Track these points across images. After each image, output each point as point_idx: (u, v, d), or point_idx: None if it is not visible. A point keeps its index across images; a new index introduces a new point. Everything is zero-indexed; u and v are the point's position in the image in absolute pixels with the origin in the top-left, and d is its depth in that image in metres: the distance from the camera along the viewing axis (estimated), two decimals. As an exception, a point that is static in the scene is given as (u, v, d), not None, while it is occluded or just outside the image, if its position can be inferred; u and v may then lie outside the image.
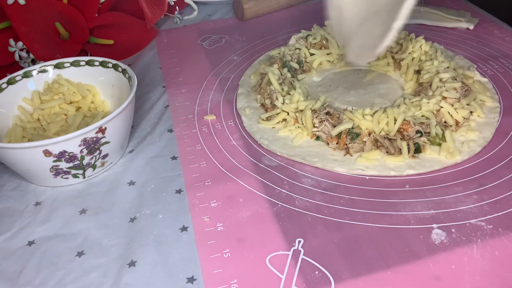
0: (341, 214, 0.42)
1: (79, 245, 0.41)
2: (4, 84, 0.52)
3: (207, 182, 0.47)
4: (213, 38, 0.74)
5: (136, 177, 0.48)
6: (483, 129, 0.50)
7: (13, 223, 0.44)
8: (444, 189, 0.43)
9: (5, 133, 0.50)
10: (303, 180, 0.46)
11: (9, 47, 0.63)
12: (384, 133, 0.48)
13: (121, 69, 0.53)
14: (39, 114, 0.53)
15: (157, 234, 0.42)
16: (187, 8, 0.83)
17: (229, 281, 0.37)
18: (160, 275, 0.38)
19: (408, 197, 0.43)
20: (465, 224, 0.40)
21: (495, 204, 0.41)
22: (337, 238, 0.39)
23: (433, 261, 0.37)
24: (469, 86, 0.53)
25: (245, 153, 0.50)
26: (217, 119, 0.55)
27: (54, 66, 0.55)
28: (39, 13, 0.63)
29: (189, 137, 0.53)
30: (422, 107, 0.49)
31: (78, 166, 0.46)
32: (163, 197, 0.46)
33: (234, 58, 0.68)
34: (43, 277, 0.39)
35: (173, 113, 0.57)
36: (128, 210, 0.45)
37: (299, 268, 0.37)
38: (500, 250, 0.37)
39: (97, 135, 0.45)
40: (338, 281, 0.36)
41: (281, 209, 0.43)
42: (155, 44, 0.74)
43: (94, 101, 0.55)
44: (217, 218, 0.42)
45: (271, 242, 0.40)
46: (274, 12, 0.80)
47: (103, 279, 0.38)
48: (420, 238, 0.39)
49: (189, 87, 0.62)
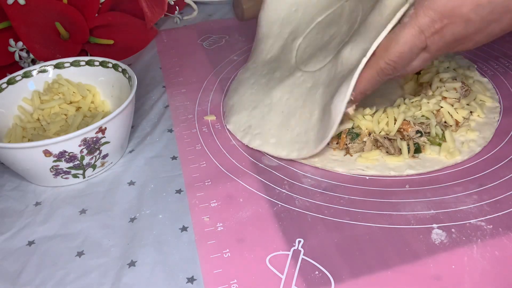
0: (341, 214, 0.42)
1: (79, 245, 0.41)
2: (4, 84, 0.52)
3: (207, 182, 0.47)
4: (213, 38, 0.74)
5: (136, 177, 0.48)
6: (483, 129, 0.50)
7: (13, 223, 0.44)
8: (444, 189, 0.43)
9: (5, 133, 0.50)
10: (303, 180, 0.46)
11: (9, 47, 0.63)
12: (384, 133, 0.48)
13: (121, 69, 0.53)
14: (39, 114, 0.53)
15: (157, 234, 0.42)
16: (187, 8, 0.83)
17: (229, 281, 0.37)
18: (160, 275, 0.38)
19: (408, 197, 0.43)
20: (465, 224, 0.40)
21: (495, 204, 0.41)
22: (337, 238, 0.39)
23: (433, 261, 0.37)
24: (469, 86, 0.53)
25: (245, 153, 0.50)
26: (217, 119, 0.55)
27: (54, 66, 0.55)
28: (39, 13, 0.63)
29: (189, 137, 0.53)
30: (422, 107, 0.49)
31: (78, 166, 0.46)
32: (163, 197, 0.46)
33: (234, 58, 0.68)
34: (43, 277, 0.39)
35: (173, 113, 0.57)
36: (128, 210, 0.45)
37: (299, 268, 0.37)
38: (500, 250, 0.37)
39: (97, 135, 0.45)
40: (338, 281, 0.36)
41: (281, 209, 0.43)
42: (155, 44, 0.74)
43: (94, 101, 0.55)
44: (217, 218, 0.42)
45: (271, 242, 0.40)
46: (274, 12, 0.80)
47: (103, 279, 0.38)
48: (420, 238, 0.39)
49: (189, 87, 0.62)
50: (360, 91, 0.43)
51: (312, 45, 0.54)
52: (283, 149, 0.48)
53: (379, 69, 0.42)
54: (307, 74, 0.51)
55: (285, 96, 0.51)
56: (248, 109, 0.53)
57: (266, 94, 0.53)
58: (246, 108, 0.53)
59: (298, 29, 0.57)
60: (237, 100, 0.55)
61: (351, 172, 0.46)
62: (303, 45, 0.55)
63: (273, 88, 0.52)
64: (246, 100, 0.54)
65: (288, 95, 0.51)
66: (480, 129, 0.50)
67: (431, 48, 0.40)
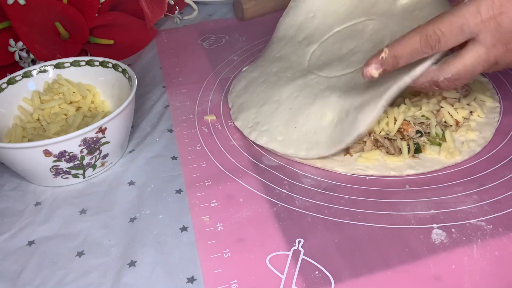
0: (341, 214, 0.42)
1: (79, 245, 0.41)
2: (4, 84, 0.52)
3: (207, 182, 0.47)
4: (213, 38, 0.74)
5: (136, 177, 0.48)
6: (483, 129, 0.50)
7: (13, 223, 0.44)
8: (444, 189, 0.43)
9: (5, 133, 0.50)
10: (303, 180, 0.46)
11: (9, 47, 0.63)
12: (384, 133, 0.48)
13: (121, 69, 0.53)
14: (39, 114, 0.53)
15: (157, 234, 0.42)
16: (187, 8, 0.83)
17: (229, 281, 0.37)
18: (160, 275, 0.38)
19: (408, 197, 0.43)
20: (465, 224, 0.40)
21: (495, 204, 0.41)
22: (337, 238, 0.39)
23: (433, 261, 0.37)
24: (469, 86, 0.53)
25: (245, 153, 0.50)
26: (217, 119, 0.55)
27: (54, 66, 0.55)
28: (39, 13, 0.63)
29: (189, 137, 0.53)
30: (422, 107, 0.49)
31: (78, 166, 0.46)
32: (163, 197, 0.46)
33: (234, 58, 0.68)
34: (43, 277, 0.39)
35: (173, 113, 0.57)
36: (128, 210, 0.45)
37: (299, 268, 0.37)
38: (500, 250, 0.37)
39: (97, 135, 0.45)
40: (338, 281, 0.36)
41: (281, 209, 0.43)
42: (155, 44, 0.74)
43: (94, 101, 0.55)
44: (217, 218, 0.42)
45: (271, 242, 0.40)
46: (274, 12, 0.80)
47: (103, 279, 0.38)
48: (420, 238, 0.39)
49: (189, 87, 0.62)
50: (394, 54, 0.41)
51: (328, 54, 0.54)
52: (289, 147, 0.48)
53: (424, 35, 0.39)
54: (321, 77, 0.51)
55: (294, 93, 0.51)
56: (257, 106, 0.53)
57: (275, 91, 0.53)
58: (255, 105, 0.53)
59: (313, 35, 0.58)
60: (246, 98, 0.55)
61: (351, 172, 0.46)
62: (318, 52, 0.56)
63: (283, 86, 0.52)
64: (255, 98, 0.54)
65: (298, 92, 0.51)
66: (480, 129, 0.50)
67: (480, 36, 0.38)
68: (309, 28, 0.59)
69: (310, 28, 0.59)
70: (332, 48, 0.55)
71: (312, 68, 0.54)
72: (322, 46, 0.56)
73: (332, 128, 0.46)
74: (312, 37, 0.58)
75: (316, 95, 0.49)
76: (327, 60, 0.54)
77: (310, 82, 0.51)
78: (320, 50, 0.56)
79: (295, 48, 0.58)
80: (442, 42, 0.39)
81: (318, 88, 0.50)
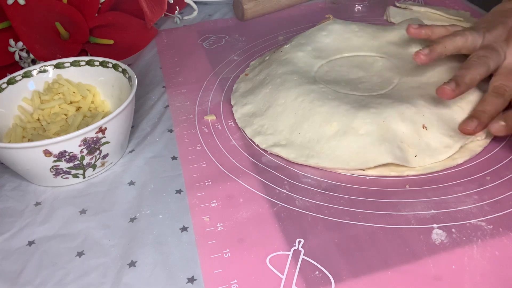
0: (341, 214, 0.42)
1: (79, 245, 0.41)
2: (4, 84, 0.52)
3: (207, 182, 0.47)
4: (213, 38, 0.74)
5: (136, 177, 0.48)
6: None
7: (13, 223, 0.44)
8: (445, 189, 0.43)
9: (5, 133, 0.50)
10: (303, 180, 0.46)
11: (9, 47, 0.63)
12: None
13: (121, 69, 0.53)
14: (39, 114, 0.52)
15: (157, 234, 0.42)
16: (187, 8, 0.83)
17: (229, 281, 0.37)
18: (160, 275, 0.38)
19: (408, 197, 0.43)
20: (466, 224, 0.40)
21: (495, 204, 0.41)
22: (337, 238, 0.39)
23: (433, 261, 0.37)
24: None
25: (245, 153, 0.50)
26: (217, 119, 0.55)
27: (54, 66, 0.55)
28: (39, 13, 0.63)
29: (189, 137, 0.53)
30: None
31: (78, 166, 0.46)
32: (163, 197, 0.46)
33: (234, 58, 0.68)
34: (43, 277, 0.39)
35: (173, 113, 0.57)
36: (128, 210, 0.45)
37: (299, 268, 0.37)
38: (500, 250, 0.37)
39: (97, 135, 0.45)
40: (338, 281, 0.36)
41: (281, 209, 0.43)
42: (155, 44, 0.74)
43: (94, 101, 0.55)
44: (217, 218, 0.42)
45: (271, 242, 0.40)
46: (274, 12, 0.80)
47: (103, 279, 0.38)
48: (420, 238, 0.39)
49: (189, 87, 0.62)
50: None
51: (335, 73, 0.56)
52: (292, 152, 0.48)
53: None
54: (330, 89, 0.52)
55: (300, 97, 0.51)
56: (263, 109, 0.53)
57: (281, 94, 0.53)
58: (261, 108, 0.53)
59: (322, 52, 0.60)
60: (251, 100, 0.55)
61: (351, 172, 0.46)
62: (326, 68, 0.58)
63: (289, 89, 0.53)
64: (260, 100, 0.54)
65: (304, 97, 0.51)
66: (480, 129, 0.50)
67: None
68: (320, 43, 0.61)
69: (320, 43, 0.61)
70: (340, 70, 0.57)
71: (319, 79, 0.55)
72: (330, 64, 0.58)
73: (337, 140, 0.47)
74: (321, 52, 0.60)
75: (324, 103, 0.49)
76: (334, 78, 0.55)
77: (318, 90, 0.52)
78: (327, 67, 0.58)
79: (303, 55, 0.59)
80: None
81: (326, 97, 0.50)
